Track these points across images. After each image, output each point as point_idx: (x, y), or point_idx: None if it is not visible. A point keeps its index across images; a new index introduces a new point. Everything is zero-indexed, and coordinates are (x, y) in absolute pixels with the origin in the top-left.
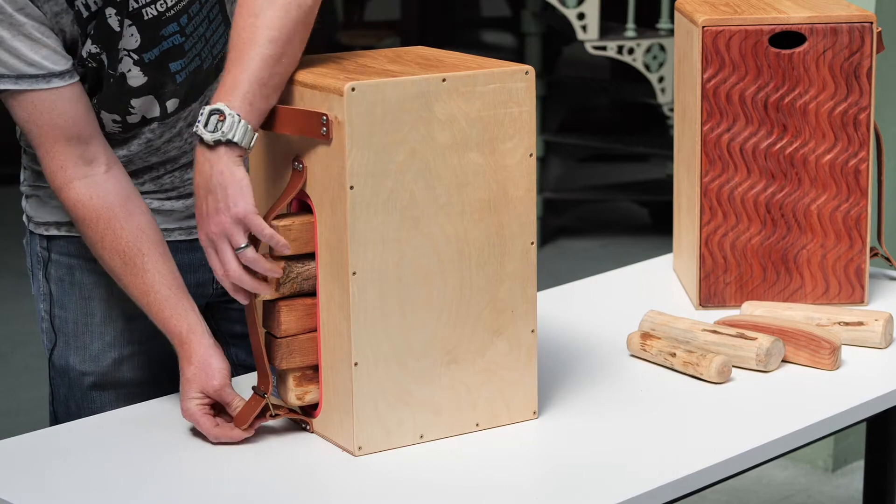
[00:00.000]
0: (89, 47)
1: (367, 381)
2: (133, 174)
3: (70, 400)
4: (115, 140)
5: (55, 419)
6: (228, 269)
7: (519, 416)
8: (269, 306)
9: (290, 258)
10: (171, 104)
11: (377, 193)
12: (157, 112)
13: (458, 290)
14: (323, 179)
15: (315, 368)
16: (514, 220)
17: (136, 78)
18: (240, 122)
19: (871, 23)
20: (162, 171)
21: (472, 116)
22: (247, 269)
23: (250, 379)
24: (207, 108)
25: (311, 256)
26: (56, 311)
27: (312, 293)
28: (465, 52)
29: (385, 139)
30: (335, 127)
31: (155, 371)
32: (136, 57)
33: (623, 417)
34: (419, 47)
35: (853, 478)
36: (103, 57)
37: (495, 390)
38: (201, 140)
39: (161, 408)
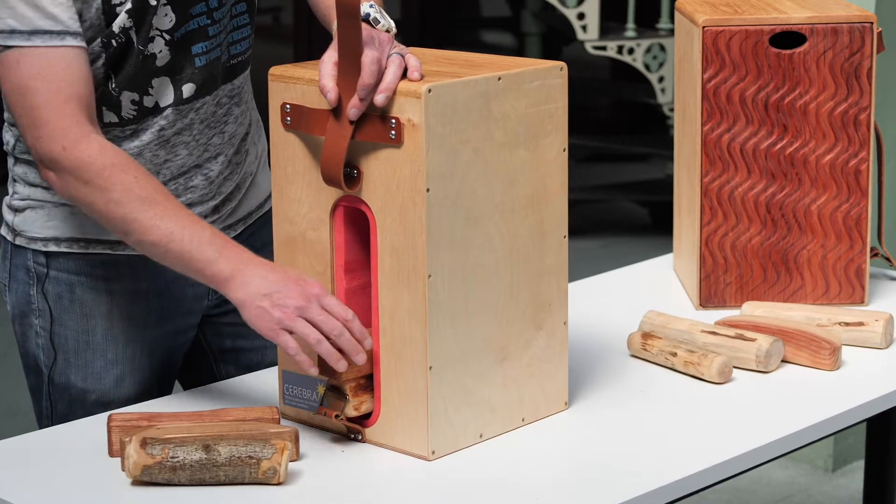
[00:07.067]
0: (123, 21)
1: (440, 385)
2: None
3: (70, 417)
4: (127, 132)
5: None
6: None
7: (554, 408)
8: None
9: None
10: (188, 89)
11: (447, 195)
12: (171, 98)
13: (508, 287)
14: (388, 184)
15: (368, 377)
16: (551, 214)
17: (163, 58)
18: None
19: (872, 23)
20: (168, 175)
21: (520, 113)
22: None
23: (247, 385)
24: None
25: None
26: (55, 329)
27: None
28: (464, 52)
29: (454, 140)
30: (407, 130)
31: (157, 386)
32: (167, 37)
33: (623, 418)
34: (424, 49)
35: (853, 478)
36: (132, 33)
37: (537, 384)
38: None
39: (161, 407)
